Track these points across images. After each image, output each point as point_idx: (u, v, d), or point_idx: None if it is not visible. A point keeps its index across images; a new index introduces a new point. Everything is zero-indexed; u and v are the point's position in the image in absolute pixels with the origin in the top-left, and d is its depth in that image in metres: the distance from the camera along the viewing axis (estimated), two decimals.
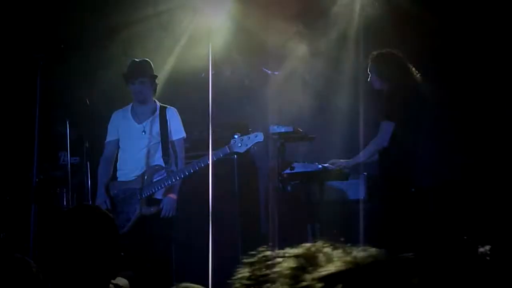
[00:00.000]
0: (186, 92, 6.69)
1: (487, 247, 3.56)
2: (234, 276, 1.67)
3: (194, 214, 6.01)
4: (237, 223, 6.49)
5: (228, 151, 5.41)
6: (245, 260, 1.69)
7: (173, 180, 5.50)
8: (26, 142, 5.77)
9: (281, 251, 1.61)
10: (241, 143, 5.39)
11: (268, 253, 1.65)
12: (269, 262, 1.61)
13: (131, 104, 5.83)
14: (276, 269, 1.54)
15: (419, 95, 5.39)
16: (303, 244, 1.60)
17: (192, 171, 5.43)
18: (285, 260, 1.55)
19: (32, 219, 5.10)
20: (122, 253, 2.40)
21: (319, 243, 1.58)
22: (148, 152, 5.64)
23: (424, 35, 6.16)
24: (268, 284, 1.56)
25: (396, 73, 5.40)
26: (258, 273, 1.61)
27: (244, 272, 1.64)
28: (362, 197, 6.01)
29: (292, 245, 1.62)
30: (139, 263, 5.18)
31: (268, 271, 1.58)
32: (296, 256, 1.55)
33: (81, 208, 2.47)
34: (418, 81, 5.42)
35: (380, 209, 5.37)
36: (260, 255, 1.65)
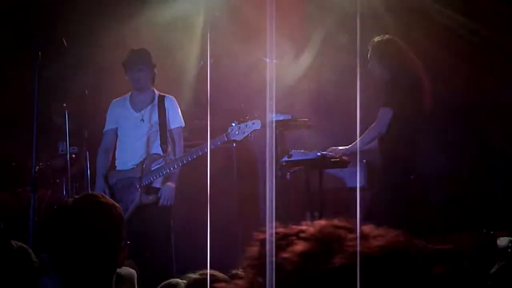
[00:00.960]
0: (184, 80, 6.68)
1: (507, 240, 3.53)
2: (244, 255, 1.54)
3: (193, 202, 6.02)
4: (236, 211, 6.51)
5: (226, 139, 5.42)
6: (256, 237, 1.52)
7: (172, 168, 5.51)
8: (25, 132, 5.77)
9: (295, 229, 1.47)
10: (238, 131, 5.39)
11: (281, 230, 1.50)
12: (280, 242, 1.45)
13: (129, 93, 5.84)
14: (285, 254, 1.40)
15: (419, 82, 5.37)
16: (319, 222, 1.47)
17: (190, 159, 5.44)
18: (296, 242, 1.42)
19: (32, 208, 5.10)
20: (128, 242, 2.40)
21: (336, 222, 1.46)
22: (147, 140, 5.65)
23: (425, 24, 6.14)
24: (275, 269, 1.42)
25: (396, 60, 5.39)
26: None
27: (253, 251, 1.49)
28: (362, 185, 6.02)
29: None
30: (138, 252, 5.20)
31: (278, 253, 1.43)
32: (308, 239, 1.42)
33: (88, 198, 2.44)
34: (418, 69, 5.40)
35: (379, 197, 5.36)
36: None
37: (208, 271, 2.66)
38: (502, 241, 4.53)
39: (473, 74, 6.14)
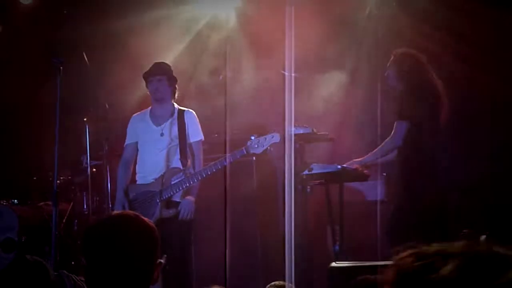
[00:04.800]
0: (204, 94, 6.71)
1: None
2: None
3: (213, 215, 6.03)
4: (256, 224, 6.51)
5: (245, 152, 5.42)
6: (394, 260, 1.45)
7: (191, 182, 5.52)
8: (46, 145, 5.82)
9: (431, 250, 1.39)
10: (257, 144, 5.40)
11: (414, 251, 1.42)
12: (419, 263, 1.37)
13: (149, 108, 5.87)
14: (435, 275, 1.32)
15: (436, 95, 5.36)
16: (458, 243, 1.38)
17: (210, 173, 5.45)
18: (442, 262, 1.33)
19: (54, 222, 5.14)
20: (161, 261, 2.42)
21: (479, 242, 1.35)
22: (167, 154, 5.66)
23: (444, 37, 6.14)
24: None
25: (413, 73, 5.39)
26: None
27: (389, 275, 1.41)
28: (381, 198, 5.99)
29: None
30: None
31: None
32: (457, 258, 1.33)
33: (125, 217, 2.45)
34: (435, 83, 5.39)
35: (399, 210, 5.34)
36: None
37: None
38: (482, 238, 4.80)
39: (490, 84, 6.12)
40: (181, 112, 5.76)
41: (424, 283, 1.32)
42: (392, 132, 5.34)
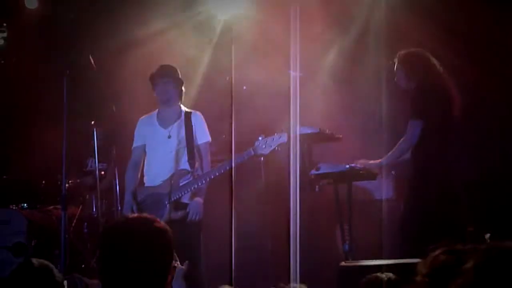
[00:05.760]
0: (211, 96, 6.71)
1: None
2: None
3: (222, 216, 6.02)
4: (265, 225, 6.50)
5: (253, 153, 5.43)
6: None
7: (199, 183, 5.54)
8: (54, 149, 5.84)
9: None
10: (265, 145, 5.41)
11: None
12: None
13: (157, 110, 5.89)
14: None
15: (447, 93, 5.35)
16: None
17: (217, 174, 5.46)
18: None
19: (63, 226, 5.16)
20: (175, 265, 2.43)
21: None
22: (175, 156, 5.67)
23: (447, 35, 6.13)
24: None
25: (423, 72, 5.37)
26: None
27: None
28: (390, 196, 5.98)
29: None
30: None
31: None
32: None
33: (142, 220, 2.45)
34: (444, 80, 5.38)
35: (410, 208, 5.32)
36: None
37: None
38: (487, 236, 5.12)
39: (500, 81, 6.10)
40: (188, 114, 5.77)
41: (452, 274, 1.65)
42: (407, 132, 5.31)
